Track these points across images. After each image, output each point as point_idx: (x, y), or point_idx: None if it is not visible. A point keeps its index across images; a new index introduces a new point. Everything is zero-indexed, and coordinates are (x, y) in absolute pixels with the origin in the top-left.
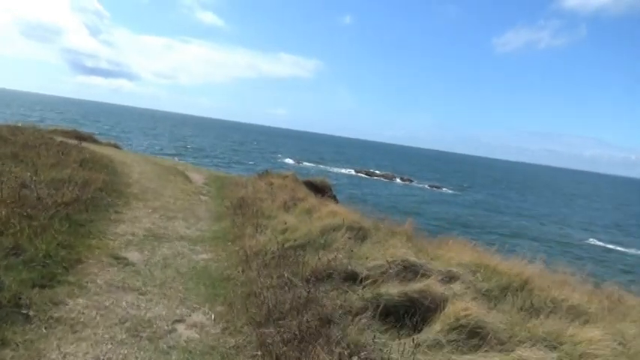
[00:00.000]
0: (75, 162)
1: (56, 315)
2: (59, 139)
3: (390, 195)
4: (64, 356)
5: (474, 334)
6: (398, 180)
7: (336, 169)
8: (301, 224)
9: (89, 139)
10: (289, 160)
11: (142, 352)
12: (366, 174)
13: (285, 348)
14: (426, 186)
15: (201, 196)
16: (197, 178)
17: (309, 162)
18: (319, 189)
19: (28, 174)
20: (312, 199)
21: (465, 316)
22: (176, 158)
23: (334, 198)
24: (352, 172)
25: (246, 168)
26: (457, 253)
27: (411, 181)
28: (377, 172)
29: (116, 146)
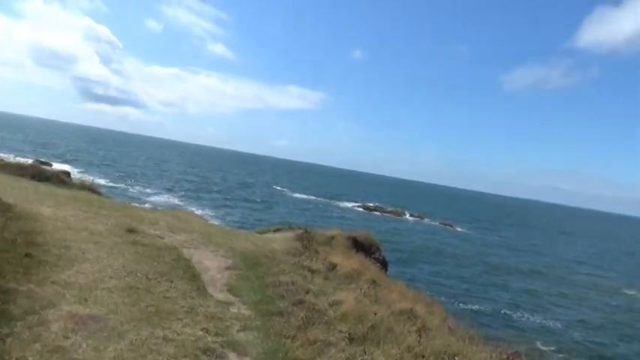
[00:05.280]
0: None
1: None
2: None
3: (412, 233)
4: None
5: None
6: (407, 216)
7: (344, 204)
8: None
9: (54, 178)
10: (298, 195)
11: None
12: (375, 210)
13: None
14: (438, 224)
15: None
16: (213, 270)
17: (317, 196)
18: (365, 248)
19: None
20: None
21: None
22: (177, 201)
23: (382, 261)
24: (361, 207)
25: (261, 209)
26: None
27: (422, 218)
28: (386, 207)
29: (91, 190)
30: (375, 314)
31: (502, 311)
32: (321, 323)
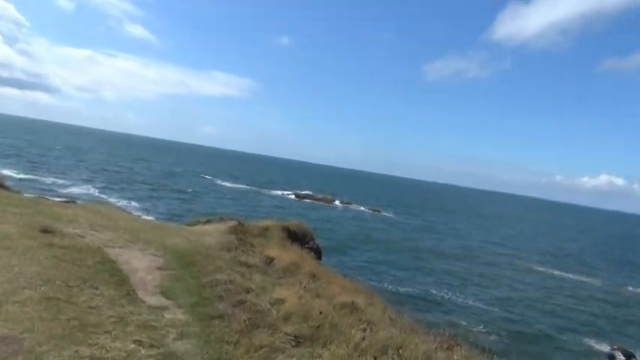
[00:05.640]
0: None
1: None
2: None
3: (343, 220)
4: None
5: None
6: (337, 202)
7: (275, 192)
8: None
9: None
10: (227, 184)
11: None
12: (306, 197)
13: None
14: (367, 209)
15: None
16: (142, 271)
17: (248, 185)
18: (299, 237)
19: None
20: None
21: None
22: (98, 192)
23: (317, 250)
24: (292, 195)
25: (189, 200)
26: None
27: (350, 204)
28: (317, 195)
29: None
30: (320, 313)
31: (430, 293)
32: (265, 326)
